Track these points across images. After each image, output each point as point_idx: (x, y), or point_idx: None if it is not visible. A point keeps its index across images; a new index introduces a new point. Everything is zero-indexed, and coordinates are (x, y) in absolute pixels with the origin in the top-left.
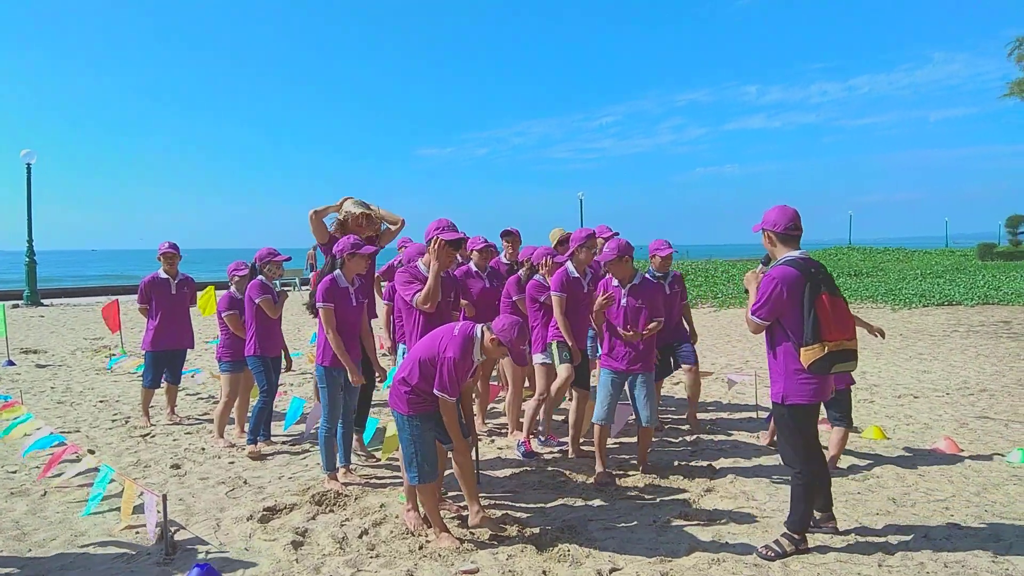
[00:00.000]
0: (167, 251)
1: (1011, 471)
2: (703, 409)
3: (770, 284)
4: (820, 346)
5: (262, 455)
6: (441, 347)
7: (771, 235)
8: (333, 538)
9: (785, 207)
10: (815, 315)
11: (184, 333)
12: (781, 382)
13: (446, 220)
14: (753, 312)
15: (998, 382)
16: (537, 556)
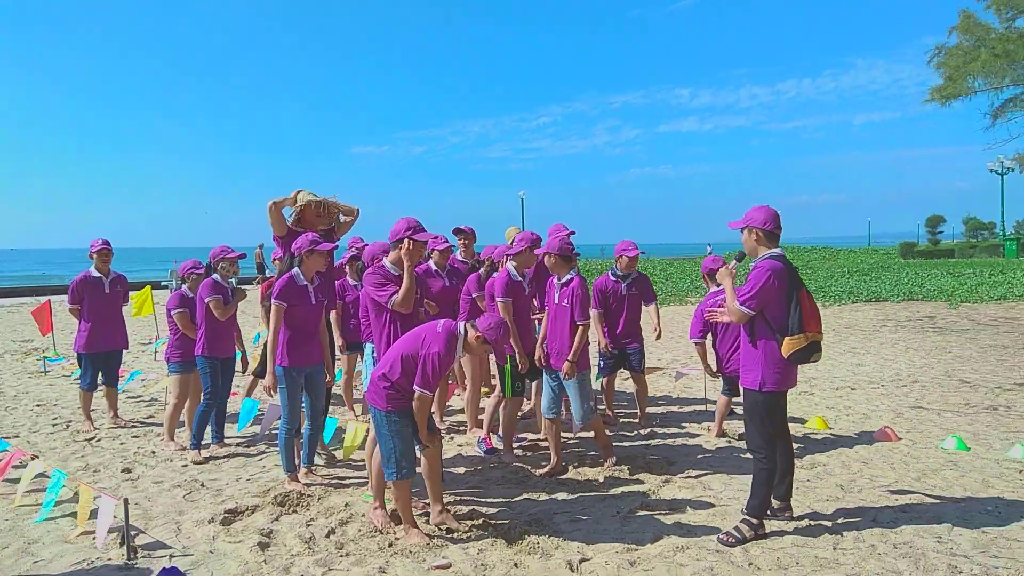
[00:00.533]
0: (101, 248)
1: (947, 457)
2: (654, 403)
3: (763, 276)
4: (803, 336)
5: (205, 460)
6: (425, 343)
7: (758, 233)
8: (300, 538)
9: (768, 207)
10: (800, 307)
11: (119, 333)
12: (760, 370)
13: (414, 220)
14: (743, 302)
15: (928, 374)
16: (507, 549)
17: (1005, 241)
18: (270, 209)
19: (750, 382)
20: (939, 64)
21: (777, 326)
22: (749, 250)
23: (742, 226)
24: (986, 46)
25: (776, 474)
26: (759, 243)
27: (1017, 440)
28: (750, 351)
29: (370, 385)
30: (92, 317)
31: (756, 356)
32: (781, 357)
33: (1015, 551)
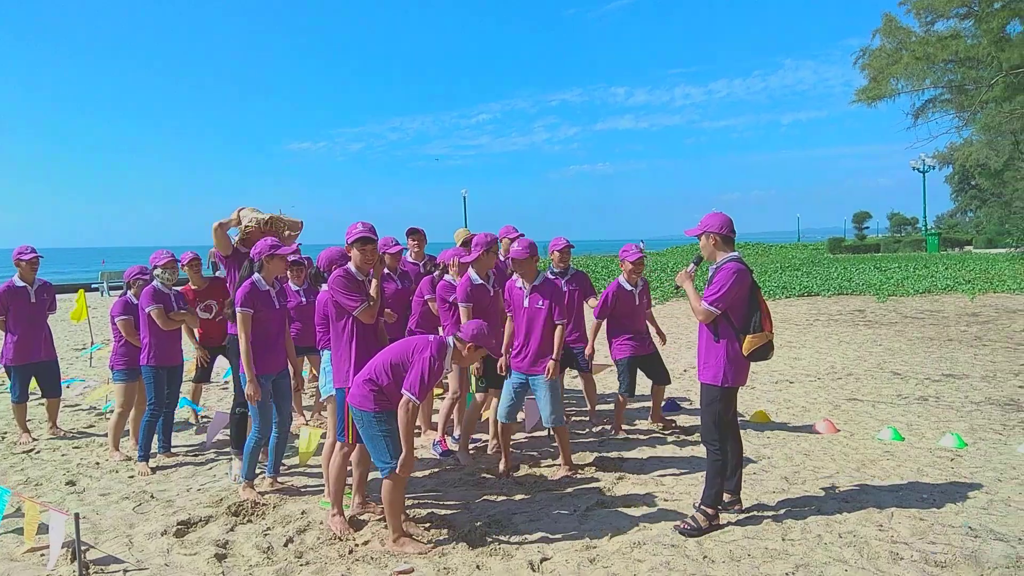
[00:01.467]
0: (32, 257)
1: (883, 447)
2: (603, 401)
3: (729, 276)
4: (763, 335)
5: (154, 471)
6: (417, 350)
7: (716, 237)
8: (258, 548)
9: (721, 213)
10: (760, 307)
11: (48, 343)
12: (720, 366)
13: (367, 224)
14: (712, 302)
15: (861, 366)
16: (469, 551)
17: (927, 236)
18: (215, 230)
19: (710, 377)
20: (864, 66)
21: (739, 325)
22: (707, 254)
23: (699, 232)
24: (907, 49)
25: (728, 465)
26: (716, 247)
27: (947, 429)
28: (712, 348)
29: (355, 389)
30: (19, 328)
31: (717, 353)
32: (740, 354)
33: (950, 536)
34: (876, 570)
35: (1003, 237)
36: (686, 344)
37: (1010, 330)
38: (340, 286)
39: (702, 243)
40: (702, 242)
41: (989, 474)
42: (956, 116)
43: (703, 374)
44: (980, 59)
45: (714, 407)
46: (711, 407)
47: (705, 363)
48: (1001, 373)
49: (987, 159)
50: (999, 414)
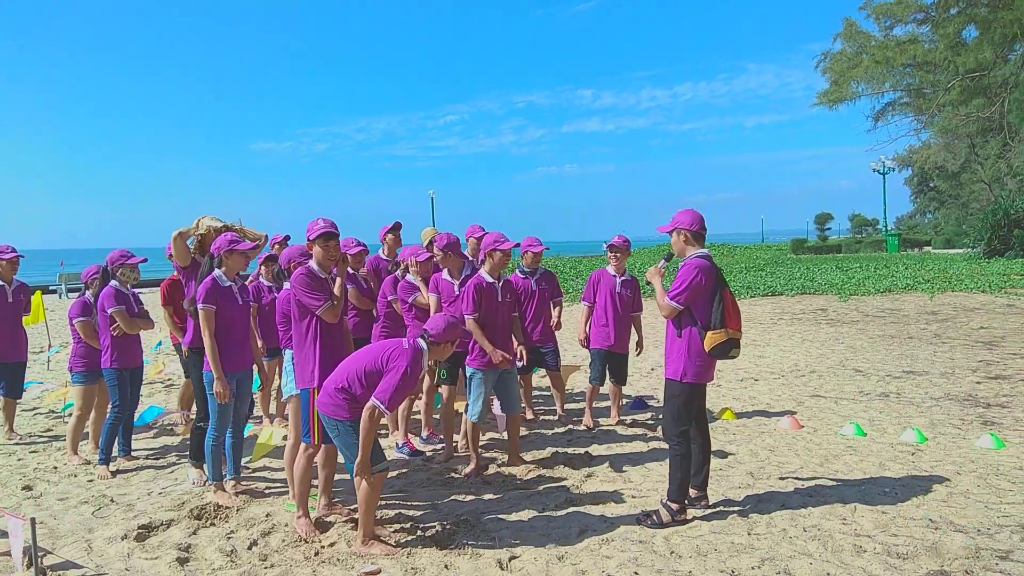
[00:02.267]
0: (12, 256)
1: (846, 443)
2: (571, 400)
3: (692, 272)
4: (724, 331)
5: (113, 474)
6: (392, 360)
7: (686, 234)
8: (221, 551)
9: (693, 210)
10: (723, 304)
11: (21, 344)
12: (682, 362)
13: (328, 221)
14: (673, 297)
15: (823, 364)
16: (438, 552)
17: (888, 237)
18: (175, 240)
19: (671, 372)
20: (825, 69)
21: (701, 321)
22: (678, 251)
23: (670, 229)
24: (867, 53)
25: (691, 460)
26: (687, 243)
27: (908, 425)
28: (674, 343)
29: (325, 397)
30: None
31: (679, 348)
32: (703, 351)
33: (912, 529)
34: (840, 563)
35: (961, 238)
36: (653, 343)
37: (968, 328)
38: (302, 284)
39: (673, 239)
40: (673, 238)
41: (949, 467)
42: (915, 119)
43: (666, 369)
44: (937, 63)
45: (674, 402)
46: (671, 402)
47: (668, 358)
48: (959, 370)
49: (945, 162)
50: (958, 409)
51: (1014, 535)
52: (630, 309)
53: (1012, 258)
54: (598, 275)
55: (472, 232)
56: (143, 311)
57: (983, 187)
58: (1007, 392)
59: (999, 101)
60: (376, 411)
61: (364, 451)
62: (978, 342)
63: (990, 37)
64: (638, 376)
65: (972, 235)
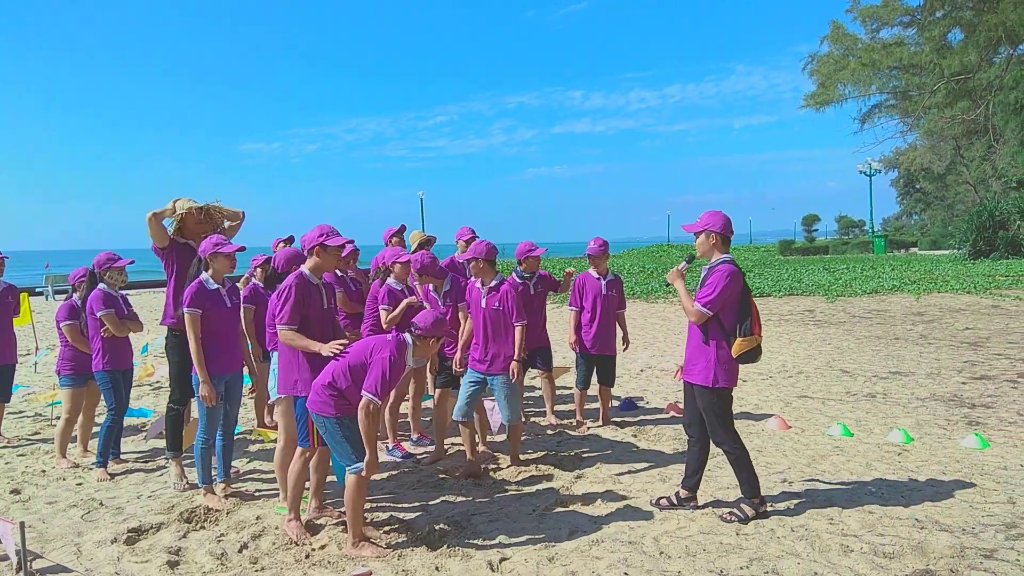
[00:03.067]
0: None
1: (833, 443)
2: (562, 401)
3: (723, 279)
4: (752, 338)
5: (112, 476)
6: (377, 349)
7: (716, 237)
8: (212, 555)
9: (721, 212)
10: (751, 310)
11: (10, 346)
12: (712, 368)
13: (328, 227)
14: (704, 303)
15: (811, 365)
16: (428, 553)
17: (874, 238)
18: (150, 221)
19: (701, 379)
20: (812, 71)
21: (729, 327)
22: (703, 253)
23: (700, 229)
24: (854, 55)
25: (748, 455)
26: (715, 247)
27: (895, 425)
28: (700, 349)
29: (314, 395)
30: None
31: (707, 354)
32: (730, 356)
33: (898, 528)
34: (827, 562)
35: (947, 239)
36: (642, 344)
37: (953, 329)
38: (285, 295)
39: (699, 241)
40: (700, 240)
41: (934, 467)
42: (901, 121)
43: (691, 374)
44: (923, 66)
45: (714, 409)
46: (712, 409)
47: (694, 363)
48: (945, 370)
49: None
50: (943, 410)
51: (998, 534)
52: (615, 309)
53: (997, 259)
54: (582, 279)
55: (462, 235)
56: (132, 313)
57: (968, 189)
58: (992, 392)
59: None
60: (371, 404)
61: (370, 447)
62: (963, 343)
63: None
64: (627, 377)
65: (958, 236)
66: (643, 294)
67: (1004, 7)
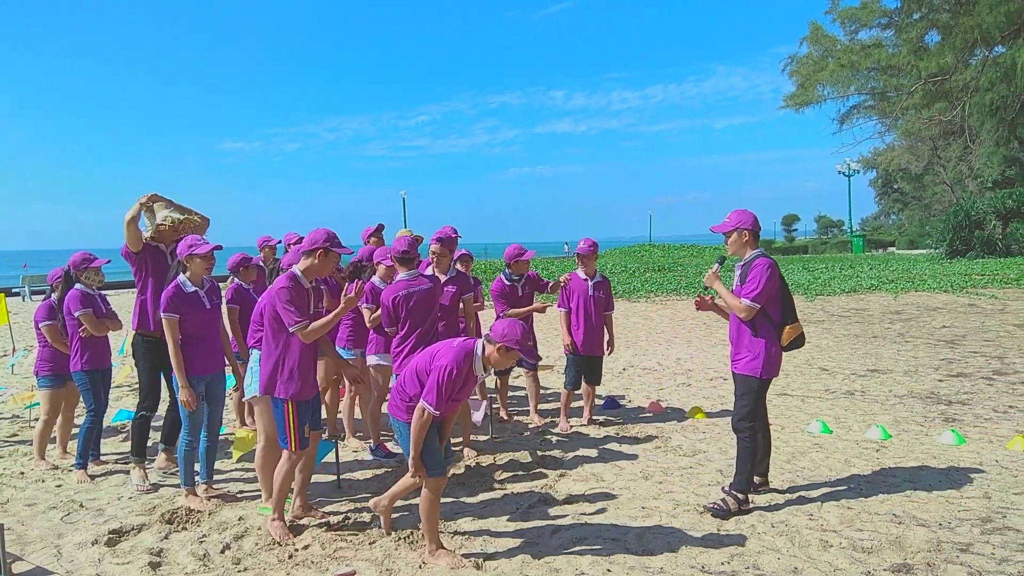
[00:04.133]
0: None
1: (812, 440)
2: (545, 400)
3: (765, 272)
4: (796, 325)
5: (92, 478)
6: (440, 356)
7: (748, 233)
8: (194, 556)
9: (748, 210)
10: (791, 300)
11: None
12: (760, 359)
13: (331, 232)
14: (753, 298)
15: (790, 363)
16: (412, 553)
17: (852, 238)
18: (127, 224)
19: (750, 369)
20: (792, 72)
21: (777, 318)
22: (735, 251)
23: (731, 229)
24: (833, 57)
25: (757, 452)
26: (747, 244)
27: (873, 422)
28: (748, 341)
29: (392, 398)
30: None
31: (756, 346)
32: (778, 348)
33: (876, 523)
34: (807, 557)
35: (924, 238)
36: (624, 343)
37: (931, 327)
38: (282, 295)
39: (732, 239)
40: (732, 238)
41: (912, 464)
42: (879, 122)
43: (743, 367)
44: (901, 67)
45: (750, 397)
46: (747, 397)
47: (744, 356)
48: (923, 368)
49: (908, 164)
50: (921, 407)
51: (974, 528)
52: (603, 310)
53: (973, 258)
54: (570, 279)
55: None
56: (111, 312)
57: (945, 189)
58: (968, 390)
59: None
60: (425, 412)
61: (415, 449)
62: (940, 341)
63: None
64: (610, 376)
65: (935, 236)
66: (625, 293)
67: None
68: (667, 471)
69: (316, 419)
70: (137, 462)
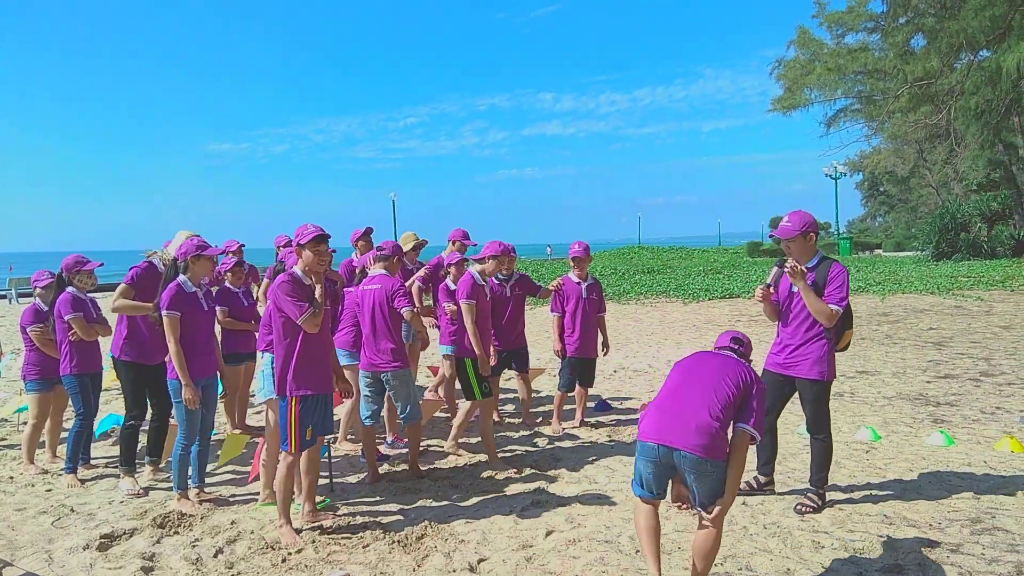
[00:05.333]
0: None
1: (803, 442)
2: (537, 402)
3: (845, 275)
4: (851, 331)
5: (82, 482)
6: (752, 378)
7: (813, 235)
8: (186, 560)
9: (806, 212)
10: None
11: None
12: (824, 364)
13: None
14: (841, 303)
15: None
16: (406, 556)
17: (840, 240)
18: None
19: (818, 374)
20: (779, 76)
21: (842, 321)
22: (803, 252)
23: (799, 232)
24: (820, 60)
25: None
26: (809, 244)
27: (862, 423)
28: (812, 346)
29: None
30: None
31: (820, 351)
32: (833, 350)
33: (868, 524)
34: (799, 559)
35: (910, 240)
36: (615, 345)
37: (918, 328)
38: (285, 291)
39: (797, 243)
40: (797, 242)
41: (902, 465)
42: (865, 125)
43: (810, 371)
44: (887, 71)
45: (823, 402)
46: (821, 403)
47: (809, 360)
48: (910, 369)
49: (894, 167)
50: (909, 408)
51: (964, 529)
52: (596, 312)
53: (959, 260)
54: (562, 283)
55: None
56: (101, 317)
57: (931, 191)
58: (956, 391)
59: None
60: (752, 440)
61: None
62: (928, 342)
63: (937, 47)
64: (601, 378)
65: (921, 238)
66: (615, 296)
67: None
68: None
69: (327, 424)
70: (126, 471)
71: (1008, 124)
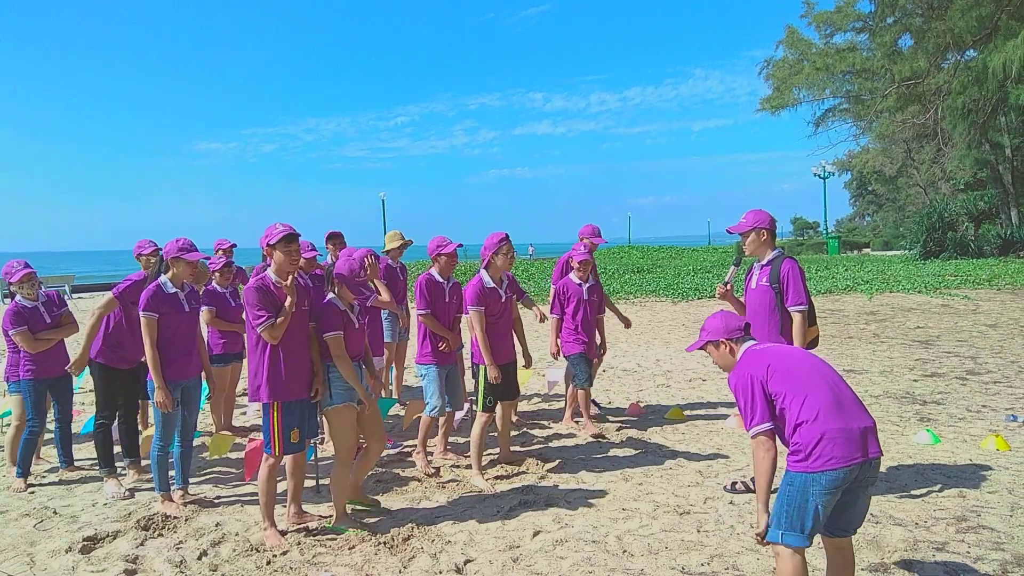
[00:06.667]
0: None
1: None
2: (525, 401)
3: (798, 272)
4: (816, 327)
5: (27, 487)
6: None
7: (766, 232)
8: (170, 562)
9: (763, 210)
10: (811, 302)
11: None
12: None
13: (287, 225)
14: (801, 304)
15: None
16: (392, 557)
17: (828, 239)
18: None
19: None
20: (768, 76)
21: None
22: (754, 251)
23: (748, 229)
24: (808, 60)
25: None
26: (766, 243)
27: None
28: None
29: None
30: None
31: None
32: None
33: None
34: None
35: (898, 240)
36: None
37: (905, 327)
38: (250, 298)
39: (751, 239)
40: (751, 238)
41: (888, 463)
42: (854, 125)
43: None
44: (875, 71)
45: None
46: None
47: None
48: (897, 368)
49: (882, 166)
50: (896, 407)
51: (949, 527)
52: (596, 313)
53: (946, 260)
54: (564, 285)
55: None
56: (60, 319)
57: (919, 191)
58: (942, 390)
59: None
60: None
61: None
62: (915, 341)
63: (924, 47)
64: None
65: (909, 238)
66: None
67: (952, 14)
68: (647, 472)
69: (312, 425)
70: (108, 473)
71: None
